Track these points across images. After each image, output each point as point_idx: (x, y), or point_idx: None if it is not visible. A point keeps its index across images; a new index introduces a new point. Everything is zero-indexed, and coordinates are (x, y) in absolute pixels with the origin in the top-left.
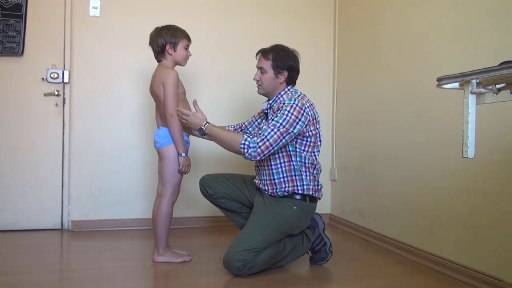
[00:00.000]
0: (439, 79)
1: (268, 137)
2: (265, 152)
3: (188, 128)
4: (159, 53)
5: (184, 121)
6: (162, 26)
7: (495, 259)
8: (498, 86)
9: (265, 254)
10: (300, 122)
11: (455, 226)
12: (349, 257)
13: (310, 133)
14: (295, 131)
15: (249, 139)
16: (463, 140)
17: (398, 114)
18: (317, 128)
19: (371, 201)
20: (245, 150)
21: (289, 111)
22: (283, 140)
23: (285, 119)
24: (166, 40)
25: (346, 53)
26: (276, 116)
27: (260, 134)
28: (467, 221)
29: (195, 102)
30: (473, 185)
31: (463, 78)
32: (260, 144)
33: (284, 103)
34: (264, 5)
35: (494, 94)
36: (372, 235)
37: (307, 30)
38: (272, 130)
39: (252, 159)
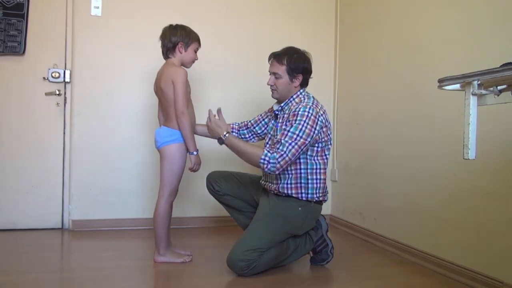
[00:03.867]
0: (440, 81)
1: (287, 151)
2: (284, 166)
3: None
4: (169, 49)
5: (207, 125)
6: (177, 24)
7: (496, 261)
8: (499, 87)
9: (269, 254)
10: (315, 131)
11: (456, 227)
12: (349, 258)
13: (322, 139)
14: (311, 140)
15: (269, 154)
16: (464, 142)
17: (399, 115)
18: (329, 135)
19: (371, 202)
20: (265, 165)
21: (305, 121)
22: (300, 152)
23: (301, 129)
24: (180, 38)
25: (347, 54)
26: (292, 126)
27: (278, 149)
28: (468, 223)
29: (219, 111)
30: (475, 187)
31: (465, 79)
32: (279, 159)
33: (298, 111)
34: (266, 6)
35: (495, 96)
36: (373, 236)
37: (309, 31)
38: (290, 144)
39: (271, 173)
